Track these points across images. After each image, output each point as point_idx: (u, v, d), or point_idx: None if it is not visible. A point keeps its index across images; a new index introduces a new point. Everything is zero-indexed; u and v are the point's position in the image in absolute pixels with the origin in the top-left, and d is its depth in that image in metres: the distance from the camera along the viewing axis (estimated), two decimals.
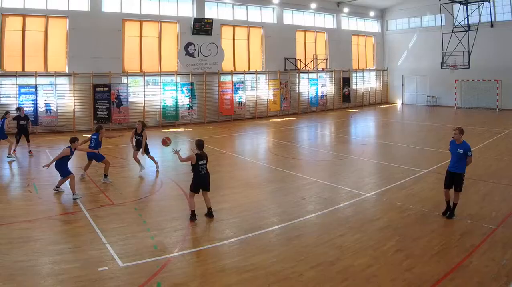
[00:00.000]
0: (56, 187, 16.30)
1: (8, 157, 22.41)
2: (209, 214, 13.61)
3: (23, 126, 24.05)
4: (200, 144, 13.47)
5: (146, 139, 19.52)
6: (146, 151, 19.56)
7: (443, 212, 13.58)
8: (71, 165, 16.84)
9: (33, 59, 32.46)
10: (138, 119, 33.98)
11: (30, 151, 24.05)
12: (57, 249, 10.96)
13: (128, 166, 21.12)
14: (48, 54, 33.00)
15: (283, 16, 44.90)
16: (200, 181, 13.35)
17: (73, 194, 15.38)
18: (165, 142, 15.94)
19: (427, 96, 50.93)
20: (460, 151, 13.17)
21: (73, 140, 15.95)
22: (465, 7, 42.71)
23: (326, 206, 14.67)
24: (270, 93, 42.95)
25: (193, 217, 13.30)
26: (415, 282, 9.42)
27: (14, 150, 23.47)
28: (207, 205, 13.67)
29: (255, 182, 18.38)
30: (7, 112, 23.85)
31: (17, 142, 23.93)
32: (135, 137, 19.67)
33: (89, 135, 18.91)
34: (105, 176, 18.09)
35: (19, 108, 24.61)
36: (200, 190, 13.52)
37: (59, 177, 16.04)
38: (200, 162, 13.33)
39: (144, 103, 36.01)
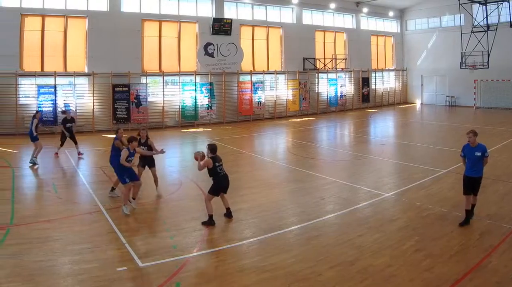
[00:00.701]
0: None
1: (30, 161, 20.46)
2: (228, 214, 13.18)
3: (69, 129, 22.76)
4: (213, 148, 13.01)
5: (155, 149, 15.60)
6: (150, 164, 15.75)
7: (460, 223, 12.47)
8: None
9: (52, 59, 31.42)
10: (157, 119, 33.50)
11: (79, 153, 22.81)
12: (77, 249, 10.71)
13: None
14: (67, 54, 31.96)
15: (302, 16, 43.38)
16: (222, 182, 12.82)
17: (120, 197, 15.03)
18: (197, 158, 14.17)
19: (446, 96, 49.12)
20: (478, 154, 12.38)
21: (131, 140, 14.02)
22: (484, 7, 40.90)
23: (345, 206, 14.29)
24: (289, 93, 41.51)
25: (211, 221, 12.57)
26: (434, 282, 9.17)
27: (56, 153, 22.57)
28: (225, 205, 13.24)
29: (274, 182, 17.69)
30: (37, 112, 22.46)
31: (62, 145, 22.79)
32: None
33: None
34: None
35: (64, 111, 23.31)
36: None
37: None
38: (217, 164, 12.80)
39: (163, 103, 34.88)
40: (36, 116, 21.81)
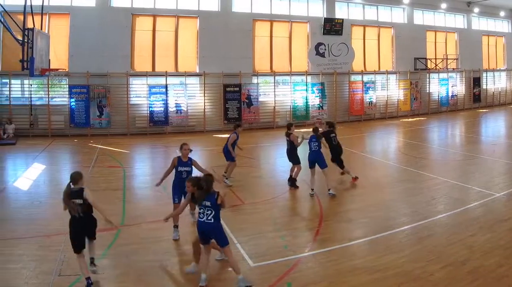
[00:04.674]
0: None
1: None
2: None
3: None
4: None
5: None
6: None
7: None
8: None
9: (164, 59, 25.72)
10: (268, 119, 27.00)
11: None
12: (188, 249, 8.86)
13: (259, 166, 17.30)
14: (178, 54, 26.13)
15: (414, 16, 34.64)
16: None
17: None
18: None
19: None
20: None
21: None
22: None
23: (456, 205, 12.03)
24: (401, 93, 33.21)
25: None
26: None
27: None
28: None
29: (385, 181, 14.96)
30: (238, 126, 14.68)
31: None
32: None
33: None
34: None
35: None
36: None
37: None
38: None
39: (275, 103, 28.16)
40: (238, 131, 14.44)
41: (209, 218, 7.47)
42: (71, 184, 7.81)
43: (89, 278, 7.44)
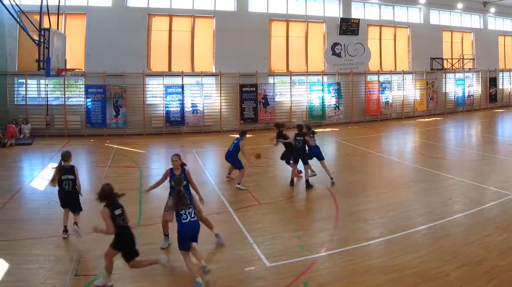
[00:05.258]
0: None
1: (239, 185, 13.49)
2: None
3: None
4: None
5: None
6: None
7: None
8: None
9: (180, 59, 24.91)
10: (285, 119, 25.94)
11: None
12: (204, 249, 8.44)
13: (275, 166, 16.39)
14: (194, 54, 25.27)
15: (430, 16, 33.41)
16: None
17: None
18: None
19: None
20: None
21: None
22: None
23: (472, 206, 11.56)
24: (417, 93, 32.05)
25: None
26: None
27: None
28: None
29: (401, 181, 14.46)
30: (243, 133, 13.80)
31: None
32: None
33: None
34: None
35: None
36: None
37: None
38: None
39: (291, 103, 27.19)
40: (243, 138, 13.57)
41: (192, 215, 7.56)
42: (62, 161, 9.19)
43: (65, 226, 9.20)
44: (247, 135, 14.01)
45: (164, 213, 8.90)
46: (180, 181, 7.87)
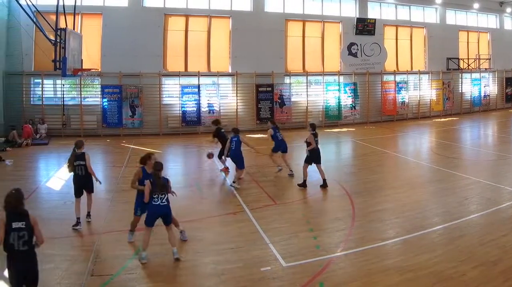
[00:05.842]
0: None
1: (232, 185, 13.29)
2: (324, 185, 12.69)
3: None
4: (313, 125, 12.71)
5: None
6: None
7: None
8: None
9: (196, 59, 24.15)
10: (301, 119, 25.26)
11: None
12: (220, 249, 8.57)
13: (291, 166, 15.10)
14: (210, 54, 24.50)
15: (446, 16, 32.34)
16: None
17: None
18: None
19: None
20: None
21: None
22: None
23: (488, 206, 11.12)
24: (433, 93, 31.03)
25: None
26: None
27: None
28: (322, 177, 12.74)
29: (418, 181, 14.02)
30: (238, 130, 13.75)
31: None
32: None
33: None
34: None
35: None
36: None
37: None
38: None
39: (307, 103, 26.30)
40: (239, 133, 13.59)
41: (163, 201, 8.06)
42: (75, 149, 9.75)
43: (78, 218, 9.48)
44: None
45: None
46: (159, 166, 8.25)
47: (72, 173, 9.83)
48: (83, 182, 9.69)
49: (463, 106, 33.15)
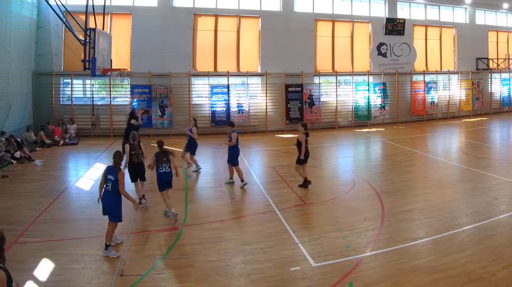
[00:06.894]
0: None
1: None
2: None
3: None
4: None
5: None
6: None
7: None
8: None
9: (225, 59, 22.82)
10: (330, 119, 23.82)
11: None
12: (249, 249, 8.24)
13: (321, 166, 15.58)
14: (240, 54, 23.14)
15: (476, 16, 30.51)
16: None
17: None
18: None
19: None
20: None
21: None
22: None
23: None
24: (462, 93, 29.26)
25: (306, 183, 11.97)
26: None
27: None
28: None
29: (447, 182, 13.22)
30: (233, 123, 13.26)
31: None
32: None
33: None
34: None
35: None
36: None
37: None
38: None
39: (336, 103, 24.76)
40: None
41: (167, 168, 9.64)
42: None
43: (143, 196, 10.74)
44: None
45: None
46: (161, 143, 10.12)
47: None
48: (137, 169, 11.03)
49: (492, 106, 31.36)
